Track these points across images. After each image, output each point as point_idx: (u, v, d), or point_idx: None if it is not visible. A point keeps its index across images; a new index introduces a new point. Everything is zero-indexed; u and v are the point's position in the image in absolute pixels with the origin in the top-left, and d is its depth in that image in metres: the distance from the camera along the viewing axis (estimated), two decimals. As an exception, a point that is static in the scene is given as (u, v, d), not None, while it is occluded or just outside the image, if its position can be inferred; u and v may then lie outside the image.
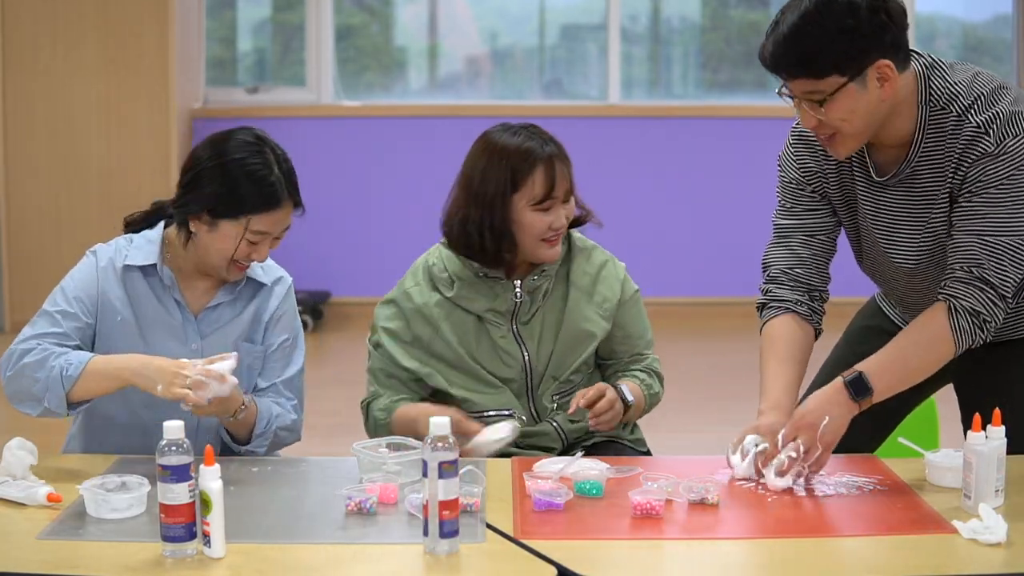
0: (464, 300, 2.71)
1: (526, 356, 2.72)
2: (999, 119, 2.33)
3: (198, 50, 7.11)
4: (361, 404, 2.79)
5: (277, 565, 1.97)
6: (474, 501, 2.16)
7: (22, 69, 6.58)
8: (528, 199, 2.63)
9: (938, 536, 2.09)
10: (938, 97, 2.38)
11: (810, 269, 2.60)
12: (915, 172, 2.44)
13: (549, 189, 2.63)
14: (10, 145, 6.64)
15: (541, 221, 2.64)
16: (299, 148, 8.48)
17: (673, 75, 7.97)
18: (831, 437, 2.34)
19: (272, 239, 2.56)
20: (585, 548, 2.06)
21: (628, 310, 2.80)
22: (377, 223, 7.36)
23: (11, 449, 2.32)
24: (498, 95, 7.71)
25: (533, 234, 2.64)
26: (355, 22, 7.85)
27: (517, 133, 2.67)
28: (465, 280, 2.71)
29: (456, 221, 2.70)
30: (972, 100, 2.36)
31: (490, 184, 2.64)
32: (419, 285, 2.75)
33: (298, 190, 2.58)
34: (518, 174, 2.63)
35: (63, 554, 2.00)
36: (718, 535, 2.13)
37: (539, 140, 2.66)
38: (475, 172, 2.68)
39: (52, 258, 6.65)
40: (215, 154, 2.52)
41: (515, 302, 2.71)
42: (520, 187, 2.63)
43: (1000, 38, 7.79)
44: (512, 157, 2.63)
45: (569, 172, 2.68)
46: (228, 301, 2.63)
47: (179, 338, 2.59)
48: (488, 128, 2.72)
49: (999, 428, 2.21)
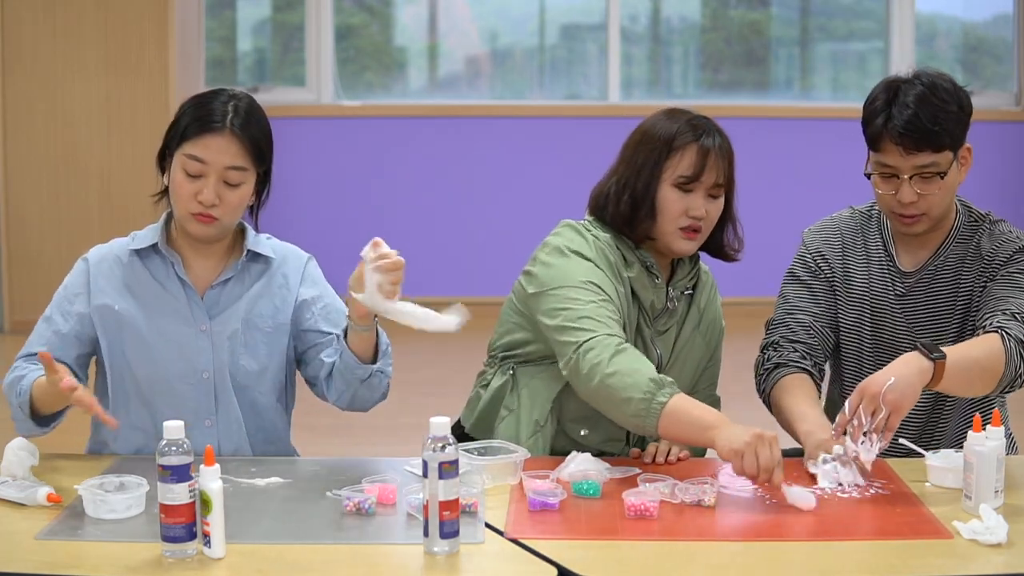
0: (639, 286, 2.64)
1: (660, 363, 2.66)
2: None
3: (198, 50, 7.11)
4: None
5: (277, 565, 1.97)
6: (473, 501, 2.16)
7: (22, 69, 6.58)
8: (673, 175, 2.57)
9: (938, 537, 2.08)
10: (975, 210, 2.69)
11: (815, 341, 2.71)
12: (941, 267, 2.66)
13: (697, 172, 2.56)
14: (10, 145, 6.64)
15: (679, 202, 2.57)
16: (299, 148, 8.50)
17: (673, 75, 7.97)
18: (896, 395, 2.29)
19: (223, 182, 2.48)
20: (573, 548, 2.05)
21: (720, 344, 2.82)
22: (377, 223, 7.36)
23: (12, 449, 2.32)
24: (498, 95, 7.71)
25: (670, 215, 2.57)
26: (355, 22, 7.85)
27: (683, 116, 2.63)
28: (637, 265, 2.63)
29: (601, 187, 2.66)
30: (1003, 220, 2.68)
31: (643, 152, 2.60)
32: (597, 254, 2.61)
33: (251, 128, 2.50)
34: (672, 145, 2.58)
35: (63, 554, 2.00)
36: (714, 537, 2.12)
37: (705, 127, 2.61)
38: (633, 142, 2.64)
39: (52, 258, 6.66)
40: None
41: (667, 307, 2.67)
42: (670, 158, 2.57)
43: (1000, 38, 7.79)
44: (671, 132, 2.59)
45: (726, 168, 2.60)
46: (235, 276, 2.59)
47: (186, 319, 2.56)
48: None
49: (999, 428, 2.21)
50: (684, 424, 2.37)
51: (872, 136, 2.56)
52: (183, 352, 2.54)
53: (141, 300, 2.56)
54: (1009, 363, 2.44)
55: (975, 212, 2.70)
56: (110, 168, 6.66)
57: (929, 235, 2.66)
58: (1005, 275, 2.59)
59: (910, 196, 2.54)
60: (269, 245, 2.65)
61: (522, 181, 7.25)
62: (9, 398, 2.52)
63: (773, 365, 2.67)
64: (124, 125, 6.63)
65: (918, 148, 2.51)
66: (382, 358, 2.54)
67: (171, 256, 2.56)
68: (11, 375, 2.54)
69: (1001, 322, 2.48)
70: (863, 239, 2.74)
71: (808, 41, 7.88)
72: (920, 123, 2.49)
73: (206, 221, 2.50)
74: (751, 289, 7.05)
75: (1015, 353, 2.45)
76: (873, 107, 2.56)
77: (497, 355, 2.73)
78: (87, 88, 6.61)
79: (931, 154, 2.52)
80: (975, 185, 7.62)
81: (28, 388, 2.47)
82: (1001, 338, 2.45)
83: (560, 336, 2.50)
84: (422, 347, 6.42)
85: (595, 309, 2.49)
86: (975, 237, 2.66)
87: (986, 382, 2.46)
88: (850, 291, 2.73)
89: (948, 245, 2.66)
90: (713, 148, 2.58)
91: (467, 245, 7.35)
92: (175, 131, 2.51)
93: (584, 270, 2.55)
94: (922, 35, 7.72)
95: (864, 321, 2.72)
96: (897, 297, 2.69)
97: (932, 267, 2.67)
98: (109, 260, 2.59)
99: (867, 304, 2.72)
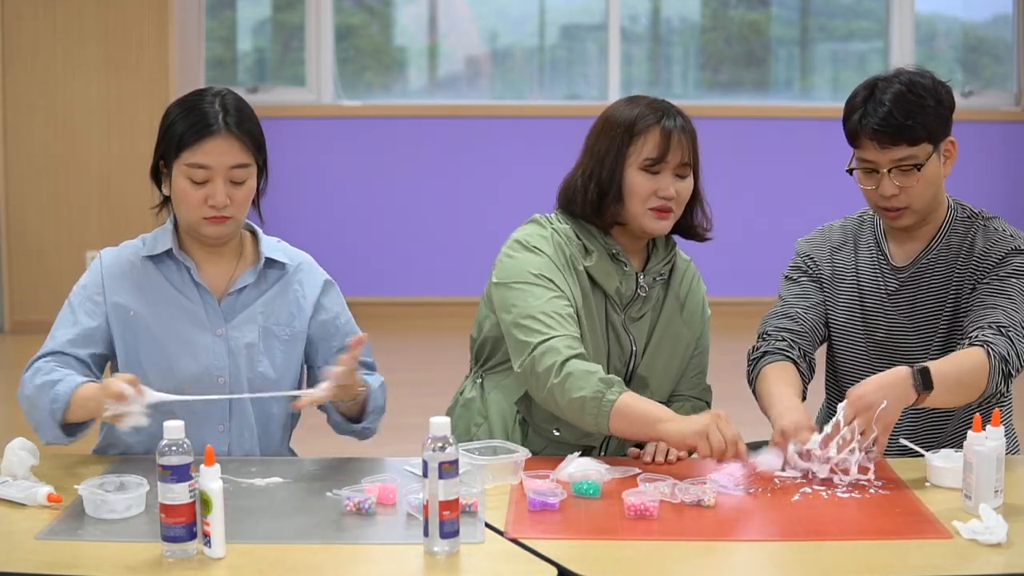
0: (599, 273, 2.65)
1: (633, 349, 2.69)
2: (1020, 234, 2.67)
3: (198, 50, 7.11)
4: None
5: (277, 565, 1.97)
6: (473, 501, 2.16)
7: (22, 69, 6.58)
8: (638, 159, 2.59)
9: (938, 536, 2.09)
10: (968, 207, 2.71)
11: (803, 330, 2.75)
12: (933, 263, 2.68)
13: (661, 153, 2.58)
14: (10, 145, 6.64)
15: (647, 184, 2.59)
16: (299, 148, 8.50)
17: (673, 75, 7.97)
18: (889, 419, 2.37)
19: (230, 182, 2.49)
20: (573, 548, 2.05)
21: (705, 332, 2.82)
22: (377, 223, 7.37)
23: (12, 449, 2.32)
24: (498, 95, 7.71)
25: (639, 197, 2.59)
26: (355, 22, 7.85)
27: (642, 101, 2.65)
28: (597, 253, 2.65)
29: (568, 178, 2.68)
30: (997, 216, 2.71)
31: (605, 140, 2.62)
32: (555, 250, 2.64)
33: (245, 123, 2.50)
34: (633, 130, 2.59)
35: (63, 554, 2.00)
36: (714, 537, 2.12)
37: (665, 109, 2.62)
38: (595, 131, 2.66)
39: (52, 258, 6.66)
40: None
41: (637, 293, 2.68)
42: (633, 143, 2.59)
43: (1000, 38, 7.79)
44: (631, 117, 2.61)
45: (690, 147, 2.62)
46: (252, 284, 2.59)
47: (201, 324, 2.55)
48: None
49: (999, 428, 2.21)
50: (633, 420, 2.42)
51: (850, 132, 2.63)
52: (199, 357, 2.54)
53: (156, 304, 2.55)
54: (991, 380, 2.49)
55: (968, 209, 2.72)
56: (110, 168, 6.66)
57: (920, 229, 2.70)
58: (995, 280, 2.62)
59: (891, 189, 2.59)
60: (282, 250, 2.65)
61: (522, 181, 7.25)
62: (36, 401, 2.43)
63: (760, 354, 2.73)
64: (124, 125, 6.63)
65: (893, 143, 2.56)
66: (368, 416, 2.61)
67: (186, 261, 2.56)
68: (41, 377, 2.45)
69: (987, 336, 2.52)
70: (853, 242, 2.80)
71: (808, 41, 7.88)
72: (893, 119, 2.55)
73: (220, 222, 2.51)
74: (751, 289, 7.06)
75: (996, 371, 2.49)
76: (852, 104, 2.62)
77: (473, 363, 2.80)
78: (87, 88, 6.61)
79: (907, 147, 2.57)
80: (976, 185, 7.66)
81: (67, 395, 2.39)
82: (987, 355, 2.48)
83: (516, 334, 2.55)
84: (422, 348, 6.43)
85: (547, 304, 2.54)
86: (969, 233, 2.68)
87: (966, 397, 2.51)
88: (839, 290, 2.78)
89: (939, 238, 2.69)
90: (675, 128, 2.60)
91: (467, 245, 7.34)
92: (170, 142, 2.49)
93: (538, 264, 2.60)
94: (922, 35, 7.72)
95: (856, 319, 2.75)
96: (889, 295, 2.72)
97: (924, 261, 2.69)
98: (123, 262, 2.58)
99: (858, 303, 2.75)
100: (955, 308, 2.67)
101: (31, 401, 2.45)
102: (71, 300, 2.56)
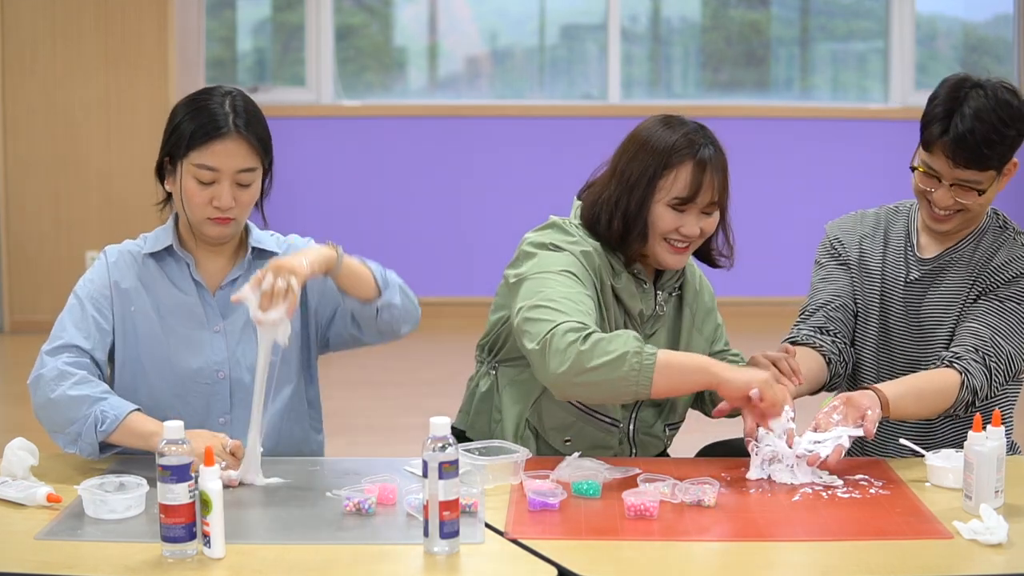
0: (626, 295, 2.60)
1: None
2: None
3: (198, 50, 7.11)
4: None
5: (277, 565, 1.97)
6: (473, 501, 2.16)
7: (22, 68, 6.58)
8: (667, 195, 2.52)
9: (938, 537, 2.08)
10: (1003, 216, 2.75)
11: (834, 316, 2.77)
12: (955, 261, 2.69)
13: (692, 194, 2.51)
14: (10, 145, 6.64)
15: (672, 221, 2.52)
16: (299, 148, 8.49)
17: (673, 75, 7.97)
18: (869, 428, 2.40)
19: (236, 184, 2.48)
20: (573, 548, 2.05)
21: (716, 319, 2.81)
22: (377, 222, 7.37)
23: (12, 449, 2.32)
24: (498, 95, 7.71)
25: (660, 231, 2.54)
26: (355, 22, 7.85)
27: (679, 127, 2.55)
28: (625, 274, 2.60)
29: (593, 198, 2.60)
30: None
31: (637, 165, 2.54)
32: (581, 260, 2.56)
33: (255, 126, 2.50)
34: (667, 162, 2.51)
35: (62, 554, 2.00)
36: (714, 537, 2.12)
37: (701, 142, 2.53)
38: (628, 151, 2.58)
39: (52, 258, 6.66)
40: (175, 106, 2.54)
41: (657, 312, 2.65)
42: (664, 176, 2.51)
43: (1000, 38, 7.79)
44: (667, 146, 2.52)
45: (721, 184, 2.54)
46: (243, 275, 2.58)
47: (200, 321, 2.55)
48: (651, 116, 2.62)
49: (999, 428, 2.21)
50: (682, 368, 2.37)
51: (926, 139, 2.59)
52: (199, 352, 2.54)
53: (156, 301, 2.55)
54: (953, 406, 2.54)
55: (1003, 218, 2.74)
56: (110, 168, 6.66)
57: (956, 232, 2.71)
58: (997, 300, 2.63)
59: (946, 201, 2.60)
60: (272, 240, 2.65)
61: (522, 181, 7.25)
62: (69, 412, 2.38)
63: (789, 343, 2.74)
64: (124, 125, 6.63)
65: (966, 165, 2.55)
66: (385, 290, 2.54)
67: (185, 257, 2.56)
68: (75, 387, 2.40)
69: (967, 365, 2.54)
70: (884, 229, 2.80)
71: (808, 41, 7.88)
72: (974, 141, 2.52)
73: (224, 223, 2.51)
74: (750, 289, 7.06)
75: (961, 401, 2.53)
76: (934, 112, 2.57)
77: (483, 356, 2.72)
78: (87, 87, 6.61)
79: (976, 172, 2.56)
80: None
81: (117, 421, 2.36)
82: (960, 385, 2.52)
83: (536, 314, 2.42)
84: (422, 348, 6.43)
85: (574, 294, 2.46)
86: (996, 242, 2.69)
87: (928, 415, 2.56)
88: (865, 274, 2.79)
89: (970, 240, 2.70)
90: (709, 163, 2.52)
91: (466, 245, 7.35)
92: (178, 140, 2.48)
93: (565, 261, 2.53)
94: (922, 35, 7.72)
95: (873, 308, 2.77)
96: (907, 283, 2.72)
97: (948, 258, 2.70)
98: (126, 258, 2.58)
99: (878, 290, 2.76)
100: (963, 311, 2.67)
101: (60, 408, 2.40)
102: (77, 292, 2.56)
